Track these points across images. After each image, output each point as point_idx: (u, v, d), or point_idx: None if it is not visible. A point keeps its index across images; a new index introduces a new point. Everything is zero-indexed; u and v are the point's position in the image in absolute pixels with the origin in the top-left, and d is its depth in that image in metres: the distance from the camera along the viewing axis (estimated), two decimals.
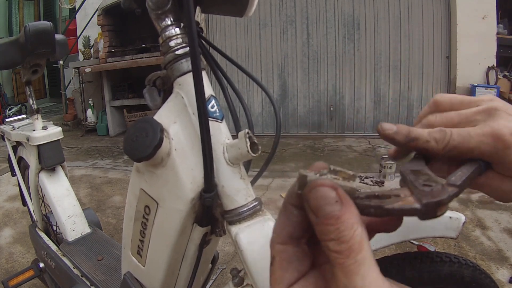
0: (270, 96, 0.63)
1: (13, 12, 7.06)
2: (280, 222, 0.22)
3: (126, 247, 0.68)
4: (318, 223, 0.19)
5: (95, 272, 1.06)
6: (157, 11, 0.56)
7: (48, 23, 1.12)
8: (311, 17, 3.99)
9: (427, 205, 0.19)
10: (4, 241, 2.10)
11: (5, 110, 5.76)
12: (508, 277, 1.52)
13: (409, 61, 3.80)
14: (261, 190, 2.58)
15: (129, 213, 0.64)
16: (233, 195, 0.54)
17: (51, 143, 1.24)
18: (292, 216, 0.21)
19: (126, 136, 0.55)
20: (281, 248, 0.21)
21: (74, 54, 5.26)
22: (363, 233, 0.18)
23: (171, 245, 0.58)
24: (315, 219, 0.19)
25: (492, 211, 2.12)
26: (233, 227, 0.54)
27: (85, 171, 3.30)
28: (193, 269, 0.63)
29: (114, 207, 2.48)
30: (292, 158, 3.37)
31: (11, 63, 1.15)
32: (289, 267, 0.21)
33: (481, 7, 3.37)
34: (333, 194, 0.19)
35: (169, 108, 0.57)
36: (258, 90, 4.12)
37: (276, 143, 0.61)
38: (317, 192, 0.19)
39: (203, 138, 0.49)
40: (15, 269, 1.77)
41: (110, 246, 1.18)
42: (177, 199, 0.54)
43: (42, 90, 7.49)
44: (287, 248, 0.21)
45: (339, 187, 0.19)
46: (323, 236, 0.18)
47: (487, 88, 3.31)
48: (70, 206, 1.26)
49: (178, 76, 0.56)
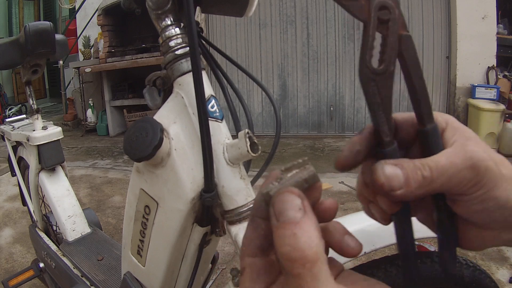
0: (270, 96, 0.63)
1: (13, 12, 7.06)
2: (248, 235, 0.22)
3: (126, 247, 0.68)
4: (278, 226, 0.18)
5: (95, 272, 1.06)
6: (157, 11, 0.56)
7: (48, 23, 1.12)
8: (311, 17, 3.99)
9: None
10: (4, 241, 2.10)
11: (5, 110, 5.76)
12: (508, 277, 1.52)
13: None
14: None
15: (129, 213, 0.64)
16: (233, 195, 0.54)
17: (51, 143, 1.24)
18: (259, 229, 0.21)
19: (126, 136, 0.55)
20: (251, 260, 0.21)
21: (74, 54, 5.26)
22: (320, 246, 0.18)
23: (171, 245, 0.58)
24: (276, 223, 0.19)
25: None
26: (233, 227, 0.54)
27: (85, 171, 3.30)
28: (193, 269, 0.63)
29: (114, 207, 2.48)
30: (292, 158, 3.37)
31: (11, 63, 1.15)
32: (258, 279, 0.21)
33: (481, 7, 3.37)
34: (298, 201, 0.19)
35: (169, 108, 0.57)
36: (258, 90, 4.12)
37: (276, 143, 0.61)
38: (283, 197, 0.19)
39: (203, 138, 0.49)
40: (15, 269, 1.77)
41: (110, 246, 1.18)
42: (177, 199, 0.54)
43: (42, 90, 7.49)
44: (256, 260, 0.21)
45: (305, 198, 0.19)
46: (280, 240, 0.18)
47: (487, 88, 3.31)
48: (70, 206, 1.26)
49: (178, 76, 0.56)
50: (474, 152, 0.23)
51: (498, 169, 0.24)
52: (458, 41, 3.47)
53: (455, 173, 0.23)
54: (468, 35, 3.44)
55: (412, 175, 0.23)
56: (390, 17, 0.22)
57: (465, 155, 0.23)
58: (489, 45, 3.43)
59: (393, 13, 0.22)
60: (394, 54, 0.23)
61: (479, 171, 0.23)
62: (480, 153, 0.23)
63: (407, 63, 0.24)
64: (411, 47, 0.23)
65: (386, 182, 0.23)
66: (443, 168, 0.23)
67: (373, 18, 0.22)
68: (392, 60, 0.23)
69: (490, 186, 0.23)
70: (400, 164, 0.23)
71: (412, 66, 0.24)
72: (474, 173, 0.23)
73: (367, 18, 0.22)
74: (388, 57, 0.23)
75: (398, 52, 0.23)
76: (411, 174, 0.23)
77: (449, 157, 0.23)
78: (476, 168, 0.23)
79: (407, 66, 0.24)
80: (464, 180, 0.23)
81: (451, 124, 0.25)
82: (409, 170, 0.23)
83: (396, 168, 0.23)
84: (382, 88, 0.23)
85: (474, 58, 3.46)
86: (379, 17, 0.22)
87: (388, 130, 0.24)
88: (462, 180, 0.23)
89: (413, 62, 0.24)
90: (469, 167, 0.23)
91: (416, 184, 0.23)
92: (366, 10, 0.22)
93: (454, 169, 0.23)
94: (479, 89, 3.33)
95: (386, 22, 0.22)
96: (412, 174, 0.23)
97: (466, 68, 3.49)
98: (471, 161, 0.23)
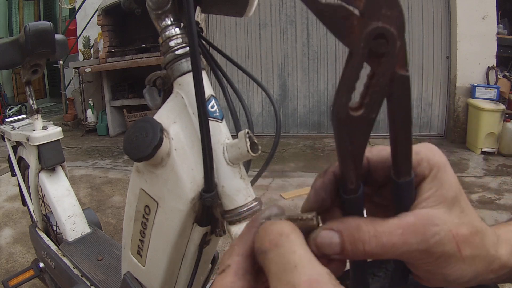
0: (270, 96, 0.63)
1: (13, 12, 7.06)
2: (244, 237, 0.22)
3: (126, 247, 0.68)
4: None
5: (95, 272, 1.06)
6: (157, 11, 0.56)
7: (48, 23, 1.12)
8: (311, 17, 3.99)
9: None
10: (4, 241, 2.10)
11: (5, 110, 5.76)
12: None
13: (409, 61, 3.80)
14: (261, 190, 2.58)
15: (129, 213, 0.64)
16: (233, 195, 0.54)
17: (51, 143, 1.24)
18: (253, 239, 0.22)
19: (126, 136, 0.55)
20: (240, 259, 0.21)
21: (74, 54, 5.26)
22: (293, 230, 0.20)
23: (171, 245, 0.58)
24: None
25: (492, 211, 2.12)
26: (233, 227, 0.54)
27: (85, 171, 3.30)
28: (193, 269, 0.63)
29: (114, 207, 2.48)
30: (292, 158, 3.37)
31: (11, 63, 1.15)
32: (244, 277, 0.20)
33: (481, 7, 3.37)
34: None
35: (169, 108, 0.57)
36: (258, 90, 4.12)
37: (276, 143, 0.61)
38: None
39: (203, 138, 0.49)
40: (15, 269, 1.77)
41: (110, 246, 1.18)
42: (177, 199, 0.54)
43: (42, 90, 7.49)
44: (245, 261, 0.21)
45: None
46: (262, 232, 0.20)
47: (487, 88, 3.31)
48: (70, 206, 1.26)
49: (178, 76, 0.56)
50: (436, 233, 0.21)
51: (458, 252, 0.22)
52: (458, 41, 3.47)
53: (405, 252, 0.21)
54: (468, 35, 3.44)
55: (351, 247, 0.21)
56: (387, 50, 0.17)
57: (424, 236, 0.21)
58: (489, 45, 3.43)
59: (392, 45, 0.17)
60: (380, 99, 0.18)
61: (433, 256, 0.21)
62: (443, 234, 0.21)
63: (396, 109, 0.19)
64: (406, 91, 0.18)
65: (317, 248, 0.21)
66: (393, 246, 0.21)
67: (362, 49, 0.17)
68: (376, 106, 0.18)
69: (442, 266, 0.22)
70: (340, 231, 0.21)
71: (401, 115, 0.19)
72: (427, 256, 0.21)
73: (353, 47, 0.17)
74: (372, 102, 0.18)
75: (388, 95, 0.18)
76: (350, 246, 0.21)
77: (404, 233, 0.21)
78: (430, 254, 0.21)
79: (395, 112, 0.19)
80: (413, 258, 0.22)
81: (434, 175, 0.22)
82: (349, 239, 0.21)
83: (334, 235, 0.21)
84: (357, 135, 0.19)
85: (474, 58, 3.46)
86: (372, 49, 0.17)
87: (354, 177, 0.20)
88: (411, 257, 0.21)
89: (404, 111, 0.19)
90: (423, 251, 0.21)
91: (353, 254, 0.21)
92: (356, 34, 0.17)
93: (405, 249, 0.21)
94: (479, 89, 3.33)
95: (380, 56, 0.17)
96: (351, 246, 0.21)
97: (466, 68, 3.49)
98: (427, 244, 0.21)
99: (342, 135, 0.19)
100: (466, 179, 2.68)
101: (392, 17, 0.16)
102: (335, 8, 0.16)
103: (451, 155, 3.24)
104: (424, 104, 3.82)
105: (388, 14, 0.16)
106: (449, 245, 0.21)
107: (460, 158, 3.15)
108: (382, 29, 0.16)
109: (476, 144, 3.24)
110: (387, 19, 0.16)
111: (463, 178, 2.68)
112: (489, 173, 2.81)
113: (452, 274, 0.22)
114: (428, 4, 3.64)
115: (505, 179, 2.67)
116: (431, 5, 3.64)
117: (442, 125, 3.81)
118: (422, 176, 0.22)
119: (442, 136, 3.79)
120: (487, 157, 3.15)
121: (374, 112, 0.18)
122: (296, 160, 3.28)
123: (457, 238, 0.21)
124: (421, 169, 0.22)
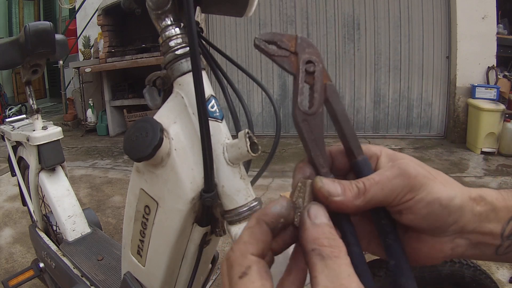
0: (270, 96, 0.63)
1: (13, 12, 7.06)
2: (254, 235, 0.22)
3: (126, 247, 0.68)
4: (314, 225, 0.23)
5: (95, 272, 1.06)
6: (157, 11, 0.56)
7: (48, 23, 1.12)
8: (311, 17, 3.99)
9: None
10: (4, 241, 2.10)
11: (5, 110, 5.76)
12: (508, 277, 1.52)
13: (409, 61, 3.80)
14: (261, 190, 2.58)
15: (129, 213, 0.64)
16: (233, 195, 0.54)
17: (51, 143, 1.24)
18: (264, 234, 0.22)
19: (126, 136, 0.55)
20: (256, 259, 0.21)
21: (74, 54, 5.26)
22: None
23: (171, 245, 0.58)
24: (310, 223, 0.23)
25: None
26: (233, 227, 0.54)
27: (85, 171, 3.30)
28: (193, 269, 0.63)
29: (114, 207, 2.48)
30: (292, 158, 3.37)
31: (11, 63, 1.15)
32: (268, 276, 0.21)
33: (481, 7, 3.37)
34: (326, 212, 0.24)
35: (169, 108, 0.57)
36: (258, 90, 4.12)
37: (276, 143, 0.61)
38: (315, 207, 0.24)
39: (203, 138, 0.49)
40: (15, 269, 1.77)
41: (110, 246, 1.18)
42: (177, 199, 0.54)
43: (42, 90, 7.49)
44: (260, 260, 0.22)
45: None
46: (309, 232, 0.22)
47: (487, 88, 3.31)
48: (70, 206, 1.26)
49: (178, 76, 0.56)
50: (404, 164, 0.26)
51: (430, 175, 0.26)
52: (458, 41, 3.47)
53: (386, 182, 0.25)
54: (468, 35, 3.44)
55: (348, 187, 0.25)
56: (315, 69, 0.27)
57: (395, 168, 0.26)
58: (489, 45, 3.43)
59: (317, 66, 0.27)
60: (321, 99, 0.27)
61: (410, 176, 0.25)
62: (410, 164, 0.26)
63: (333, 107, 0.28)
64: (335, 94, 0.28)
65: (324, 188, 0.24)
66: (374, 180, 0.25)
67: (301, 70, 0.27)
68: (319, 104, 0.27)
69: (425, 188, 0.25)
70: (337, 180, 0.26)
71: (337, 110, 0.28)
72: (405, 179, 0.25)
73: (296, 71, 0.27)
74: (316, 101, 0.27)
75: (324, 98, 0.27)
76: (347, 186, 0.25)
77: (380, 172, 0.26)
78: (406, 175, 0.25)
79: (334, 110, 0.28)
80: (397, 188, 0.25)
81: (385, 151, 0.28)
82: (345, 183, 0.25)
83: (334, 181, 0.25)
84: (314, 126, 0.27)
85: (474, 58, 3.46)
86: (306, 70, 0.27)
87: (323, 162, 0.27)
88: (395, 188, 0.25)
89: (338, 107, 0.28)
90: (399, 175, 0.25)
91: (352, 193, 0.25)
92: (295, 64, 0.27)
93: (385, 179, 0.25)
94: (479, 89, 3.33)
95: (312, 73, 0.27)
96: (347, 186, 0.25)
97: (466, 68, 3.49)
98: (400, 170, 0.25)
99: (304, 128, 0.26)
100: (466, 179, 2.68)
101: (313, 52, 0.28)
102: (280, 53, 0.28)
103: (451, 155, 3.24)
104: (424, 104, 3.82)
105: (310, 51, 0.28)
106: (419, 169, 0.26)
107: (460, 158, 3.15)
108: (309, 57, 0.27)
109: (476, 144, 3.24)
110: (310, 53, 0.28)
111: (463, 178, 2.68)
112: (489, 173, 2.81)
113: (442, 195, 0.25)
114: (428, 4, 3.64)
115: (505, 179, 2.67)
116: (431, 5, 3.64)
117: (442, 125, 3.81)
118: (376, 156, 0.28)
119: (442, 136, 3.79)
120: (487, 157, 3.15)
121: (320, 108, 0.27)
122: (296, 160, 3.27)
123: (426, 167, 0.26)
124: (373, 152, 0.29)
